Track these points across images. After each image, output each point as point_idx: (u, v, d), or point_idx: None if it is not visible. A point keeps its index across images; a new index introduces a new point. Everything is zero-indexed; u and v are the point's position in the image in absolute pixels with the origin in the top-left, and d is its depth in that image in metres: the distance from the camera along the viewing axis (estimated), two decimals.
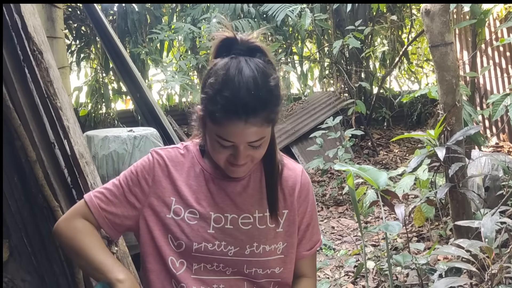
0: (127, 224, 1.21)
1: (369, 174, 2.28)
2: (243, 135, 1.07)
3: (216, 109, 1.05)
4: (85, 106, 6.65)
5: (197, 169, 1.22)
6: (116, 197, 1.19)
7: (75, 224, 1.17)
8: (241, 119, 1.04)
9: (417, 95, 3.91)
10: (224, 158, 1.13)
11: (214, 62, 1.11)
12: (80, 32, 6.53)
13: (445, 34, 2.45)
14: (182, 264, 1.18)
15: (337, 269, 3.12)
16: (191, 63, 5.86)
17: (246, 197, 1.21)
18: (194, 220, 1.18)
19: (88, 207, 1.19)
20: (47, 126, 1.53)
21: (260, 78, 1.06)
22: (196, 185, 1.20)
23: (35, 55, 1.47)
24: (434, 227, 3.53)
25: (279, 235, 1.23)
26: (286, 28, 6.40)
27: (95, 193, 1.21)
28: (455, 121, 2.48)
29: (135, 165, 1.23)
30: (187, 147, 1.25)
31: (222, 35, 1.13)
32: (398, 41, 7.24)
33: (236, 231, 1.19)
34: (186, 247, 1.17)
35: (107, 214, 1.19)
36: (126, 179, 1.21)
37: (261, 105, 1.05)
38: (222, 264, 1.19)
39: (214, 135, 1.10)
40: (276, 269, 1.23)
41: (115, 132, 2.40)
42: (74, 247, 1.16)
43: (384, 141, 6.66)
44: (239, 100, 1.03)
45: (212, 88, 1.06)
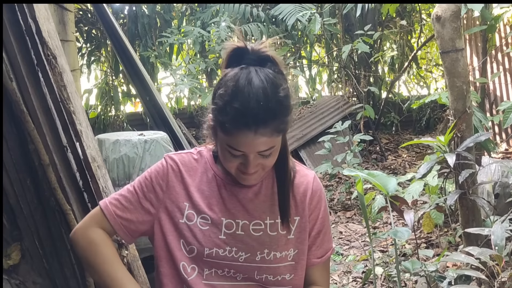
0: (142, 229, 1.22)
1: (378, 180, 2.28)
2: (253, 145, 1.08)
3: (226, 120, 1.06)
4: (94, 108, 6.70)
5: (210, 174, 1.23)
6: (131, 203, 1.20)
7: (91, 234, 1.19)
8: (251, 130, 1.05)
9: (427, 100, 3.90)
10: (235, 167, 1.14)
11: (224, 72, 1.12)
12: (91, 35, 6.59)
13: (456, 40, 2.44)
14: (193, 269, 1.19)
15: (345, 275, 3.11)
16: (200, 66, 5.89)
17: (257, 203, 1.22)
18: (206, 226, 1.19)
19: (104, 214, 1.20)
20: (60, 130, 1.54)
21: (270, 89, 1.06)
22: (209, 191, 1.21)
23: (49, 59, 1.49)
24: (443, 233, 3.50)
25: (290, 242, 1.23)
26: (295, 32, 6.41)
27: (110, 200, 1.22)
28: (465, 128, 2.47)
29: (149, 170, 1.24)
30: (201, 153, 1.26)
31: (233, 45, 1.14)
32: (407, 46, 7.22)
33: (247, 237, 1.19)
34: (198, 252, 1.18)
35: (122, 220, 1.20)
36: (141, 185, 1.22)
37: (271, 115, 1.06)
38: (233, 270, 1.19)
39: (224, 145, 1.11)
40: (287, 275, 1.23)
41: (126, 135, 2.42)
42: (88, 259, 1.18)
43: (393, 146, 6.64)
44: (248, 111, 1.04)
45: (222, 99, 1.07)
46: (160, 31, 6.30)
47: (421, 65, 7.67)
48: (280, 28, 6.19)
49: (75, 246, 1.21)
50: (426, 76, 7.82)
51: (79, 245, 1.20)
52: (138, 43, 6.36)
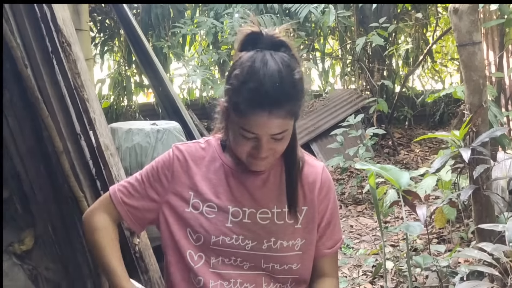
0: (148, 218, 1.24)
1: (391, 174, 2.26)
2: (266, 127, 1.08)
3: (240, 100, 1.06)
4: (107, 98, 6.73)
5: (218, 163, 1.23)
6: (138, 192, 1.23)
7: (97, 219, 1.23)
8: (265, 111, 1.05)
9: (442, 94, 3.85)
10: (246, 151, 1.14)
11: (239, 55, 1.13)
12: (104, 25, 6.61)
13: (473, 33, 2.40)
14: (200, 258, 1.19)
15: (355, 268, 3.10)
16: (212, 57, 5.88)
17: (265, 191, 1.22)
18: (213, 214, 1.19)
19: (112, 200, 1.23)
20: (74, 118, 1.55)
21: (285, 71, 1.07)
22: (216, 179, 1.22)
23: (63, 47, 1.50)
24: (455, 229, 3.47)
25: (297, 232, 1.23)
26: (308, 24, 6.36)
27: (119, 187, 1.25)
28: (481, 122, 2.43)
29: (156, 160, 1.26)
30: (209, 142, 1.27)
31: (247, 30, 1.15)
32: (422, 39, 7.12)
33: (254, 226, 1.20)
34: (205, 240, 1.19)
35: (129, 207, 1.22)
36: (148, 175, 1.24)
37: (285, 97, 1.07)
38: (240, 258, 1.19)
39: (237, 127, 1.11)
40: (294, 265, 1.23)
41: (139, 125, 2.43)
42: (92, 242, 1.23)
43: (405, 141, 6.58)
44: (263, 92, 1.05)
45: (237, 79, 1.08)
46: (173, 21, 6.29)
47: (436, 59, 7.57)
48: (294, 20, 6.15)
49: (83, 228, 1.27)
50: (440, 70, 7.72)
51: (85, 229, 1.25)
52: (151, 33, 6.36)
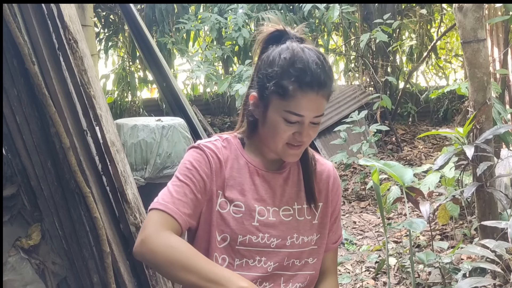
0: (193, 223, 1.19)
1: (395, 170, 2.27)
2: (313, 108, 1.13)
3: (289, 83, 1.10)
4: (111, 93, 6.75)
5: (241, 161, 1.23)
6: (187, 198, 1.15)
7: (169, 239, 1.09)
8: (314, 90, 1.11)
9: (446, 90, 3.85)
10: (286, 139, 1.15)
11: (271, 47, 1.17)
12: (109, 20, 6.62)
13: (477, 30, 2.40)
14: (224, 260, 1.19)
15: (358, 264, 3.12)
16: (216, 53, 5.89)
17: (287, 189, 1.25)
18: (239, 213, 1.19)
19: (170, 215, 1.12)
20: (80, 114, 1.56)
21: (322, 57, 1.15)
22: (240, 177, 1.22)
23: (70, 44, 1.51)
24: (459, 226, 3.48)
25: (314, 227, 1.27)
26: (312, 20, 6.36)
27: (166, 200, 1.14)
28: (485, 120, 2.44)
29: (190, 161, 1.19)
30: (228, 140, 1.26)
31: (272, 28, 1.20)
32: (426, 36, 7.11)
33: (278, 223, 1.22)
34: (231, 240, 1.18)
35: (187, 217, 1.15)
36: (189, 177, 1.16)
37: (328, 78, 1.13)
38: (264, 258, 1.20)
39: (281, 112, 1.13)
40: (310, 259, 1.27)
41: (144, 121, 2.44)
42: (179, 261, 1.06)
43: (409, 137, 6.58)
44: (312, 72, 1.10)
45: (283, 63, 1.12)
46: (177, 17, 6.30)
47: (440, 55, 7.55)
48: (298, 16, 6.14)
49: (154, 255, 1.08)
50: (445, 66, 7.70)
51: (160, 253, 1.07)
52: (155, 29, 6.37)
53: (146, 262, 1.24)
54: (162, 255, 1.07)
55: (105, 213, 1.57)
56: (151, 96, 7.30)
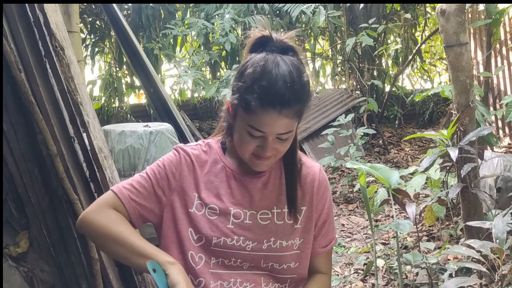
0: (150, 216, 1.23)
1: (381, 173, 2.30)
2: (275, 126, 1.11)
3: (252, 98, 1.10)
4: (98, 99, 6.71)
5: (219, 165, 1.25)
6: (146, 189, 1.21)
7: (108, 213, 1.17)
8: (276, 110, 1.09)
9: (430, 93, 3.91)
10: (251, 150, 1.16)
11: (250, 56, 1.17)
12: (95, 26, 6.60)
13: (460, 34, 2.44)
14: (201, 259, 1.21)
15: (346, 267, 3.14)
16: (204, 58, 5.90)
17: (266, 193, 1.25)
18: (214, 216, 1.21)
19: (119, 197, 1.19)
20: (67, 121, 1.57)
21: (295, 73, 1.12)
22: (218, 181, 1.23)
23: (56, 51, 1.51)
24: (445, 226, 3.52)
25: (296, 231, 1.26)
26: (299, 24, 6.40)
27: (124, 185, 1.22)
28: (468, 122, 2.48)
29: (162, 159, 1.25)
30: (209, 144, 1.29)
31: (259, 33, 1.19)
32: (411, 39, 7.20)
33: (254, 227, 1.22)
34: (206, 241, 1.20)
35: (136, 205, 1.20)
36: (154, 173, 1.22)
37: (295, 98, 1.11)
38: (240, 259, 1.21)
39: (245, 125, 1.13)
40: (292, 264, 1.26)
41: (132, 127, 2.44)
42: (111, 234, 1.15)
43: (395, 140, 6.64)
44: (275, 91, 1.08)
45: (250, 77, 1.12)
46: (164, 22, 6.30)
47: (425, 58, 7.65)
48: (284, 21, 6.18)
49: (90, 226, 1.18)
50: (429, 70, 7.80)
51: (95, 224, 1.17)
52: (142, 34, 6.36)
53: (84, 233, 1.31)
54: (98, 229, 1.16)
55: None
56: (139, 101, 7.28)
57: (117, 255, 1.18)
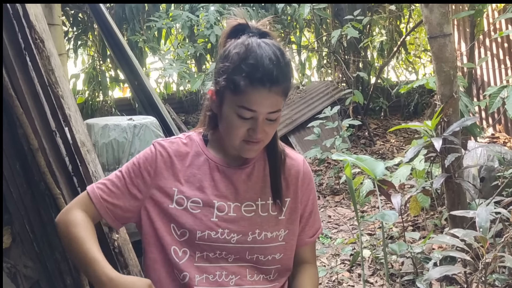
0: (128, 216, 1.23)
1: (367, 164, 2.31)
2: (265, 104, 1.12)
3: (240, 78, 1.10)
4: (82, 93, 6.63)
5: (202, 158, 1.24)
6: (118, 189, 1.21)
7: (73, 215, 1.18)
8: (265, 87, 1.10)
9: (414, 85, 3.93)
10: (242, 135, 1.15)
11: (230, 41, 1.17)
12: (77, 19, 6.49)
13: (443, 25, 2.46)
14: (185, 253, 1.20)
15: (333, 257, 3.16)
16: (189, 51, 5.85)
17: (250, 185, 1.24)
18: (198, 209, 1.20)
19: (90, 198, 1.20)
20: (49, 115, 1.54)
21: (279, 52, 1.13)
22: (200, 174, 1.22)
23: (36, 43, 1.48)
24: (430, 216, 3.57)
25: (281, 223, 1.26)
26: (284, 17, 6.38)
27: (97, 185, 1.22)
28: (452, 112, 2.51)
29: (138, 156, 1.24)
30: (190, 137, 1.27)
31: (234, 21, 1.20)
32: (396, 31, 7.23)
33: (239, 219, 1.22)
34: (190, 235, 1.19)
35: (108, 205, 1.20)
36: (128, 171, 1.22)
37: (282, 75, 1.11)
38: (225, 252, 1.21)
39: (234, 107, 1.13)
40: (277, 255, 1.26)
41: (115, 120, 2.41)
42: (64, 240, 1.18)
43: (381, 131, 6.69)
44: (263, 68, 1.09)
45: (236, 58, 1.12)
46: (148, 15, 6.23)
47: (409, 50, 7.70)
48: (270, 13, 6.16)
49: (58, 227, 1.21)
50: (414, 61, 7.85)
51: (60, 226, 1.20)
52: (125, 27, 6.28)
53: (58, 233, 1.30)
54: (62, 229, 1.19)
55: None
56: (123, 95, 7.20)
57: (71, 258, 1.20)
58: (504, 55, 5.46)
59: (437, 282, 2.41)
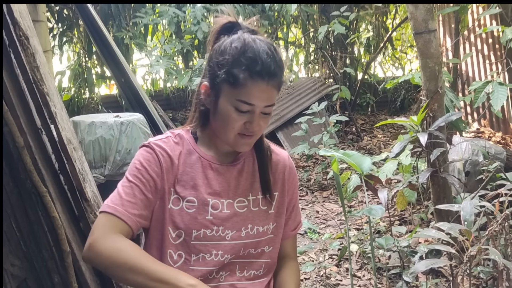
0: (145, 223, 1.19)
1: (353, 159, 2.33)
2: (263, 98, 1.13)
3: (240, 71, 1.11)
4: (68, 90, 6.57)
5: (194, 156, 1.23)
6: (138, 198, 1.16)
7: (115, 240, 1.11)
8: (264, 80, 1.12)
9: (400, 81, 3.97)
10: (238, 128, 1.16)
11: (223, 37, 1.18)
12: (62, 15, 6.42)
13: (428, 22, 2.48)
14: (180, 256, 1.19)
15: (321, 252, 3.18)
16: (176, 47, 5.83)
17: (241, 181, 1.26)
18: (192, 208, 1.19)
19: (118, 217, 1.13)
20: (34, 112, 1.52)
21: (273, 47, 1.16)
22: (193, 172, 1.22)
23: (21, 40, 1.46)
24: (416, 211, 3.61)
25: (270, 216, 1.28)
26: (271, 13, 6.38)
27: (115, 202, 1.15)
28: (437, 108, 2.53)
29: (139, 161, 1.19)
30: (180, 135, 1.26)
31: (225, 19, 1.21)
32: (382, 27, 7.28)
33: (232, 215, 1.23)
34: (186, 235, 1.19)
35: (137, 218, 1.15)
36: (138, 178, 1.17)
37: (278, 68, 1.14)
38: (221, 251, 1.21)
39: (233, 101, 1.13)
40: (266, 248, 1.28)
41: (102, 117, 2.40)
42: (124, 263, 1.08)
43: (368, 127, 6.74)
44: (262, 62, 1.11)
45: (234, 51, 1.13)
46: (134, 11, 6.18)
47: (396, 46, 7.75)
48: (257, 9, 6.16)
49: (101, 258, 1.10)
50: (401, 57, 7.91)
51: (106, 256, 1.09)
52: (111, 23, 6.23)
53: (95, 265, 1.25)
54: (109, 258, 1.09)
55: (63, 212, 1.54)
56: (110, 92, 7.15)
57: (134, 283, 1.10)
58: (488, 50, 5.52)
59: (423, 275, 2.44)
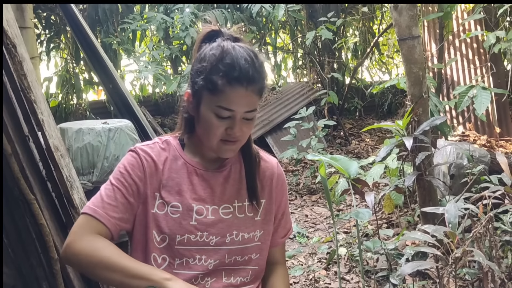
0: (126, 226, 1.21)
1: (341, 164, 2.35)
2: (242, 103, 1.15)
3: (218, 77, 1.13)
4: (55, 96, 6.53)
5: (180, 162, 1.25)
6: (118, 201, 1.18)
7: (92, 240, 1.13)
8: (243, 86, 1.13)
9: (387, 85, 4.02)
10: (219, 135, 1.17)
11: (204, 45, 1.21)
12: (50, 21, 6.39)
13: (412, 28, 2.53)
14: (164, 260, 1.21)
15: (310, 256, 3.20)
16: (164, 53, 5.83)
17: (227, 187, 1.27)
18: (177, 213, 1.21)
19: (97, 219, 1.15)
20: (21, 120, 1.53)
21: (253, 53, 1.18)
22: (178, 178, 1.23)
23: (8, 48, 1.47)
24: (403, 214, 3.65)
25: (257, 223, 1.29)
26: (259, 18, 6.42)
27: (96, 204, 1.18)
28: (422, 112, 2.58)
29: (123, 165, 1.22)
30: (167, 141, 1.28)
31: (208, 28, 1.23)
32: (369, 32, 7.35)
33: (217, 221, 1.23)
34: (169, 240, 1.20)
35: (117, 220, 1.17)
36: (120, 181, 1.19)
37: (257, 74, 1.16)
38: (205, 256, 1.22)
39: (213, 107, 1.15)
40: (253, 255, 1.29)
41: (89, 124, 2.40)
42: (100, 261, 1.11)
43: (356, 131, 6.80)
44: (240, 68, 1.13)
45: (212, 58, 1.15)
46: (122, 17, 6.17)
47: (383, 51, 7.84)
48: (245, 15, 6.19)
49: (78, 257, 1.13)
50: (387, 62, 8.00)
51: (83, 254, 1.12)
52: (99, 29, 6.21)
53: (71, 265, 1.27)
54: (85, 258, 1.12)
55: (51, 219, 1.54)
56: (98, 98, 7.11)
57: (111, 281, 1.13)
58: (473, 55, 5.61)
59: (410, 277, 2.47)
